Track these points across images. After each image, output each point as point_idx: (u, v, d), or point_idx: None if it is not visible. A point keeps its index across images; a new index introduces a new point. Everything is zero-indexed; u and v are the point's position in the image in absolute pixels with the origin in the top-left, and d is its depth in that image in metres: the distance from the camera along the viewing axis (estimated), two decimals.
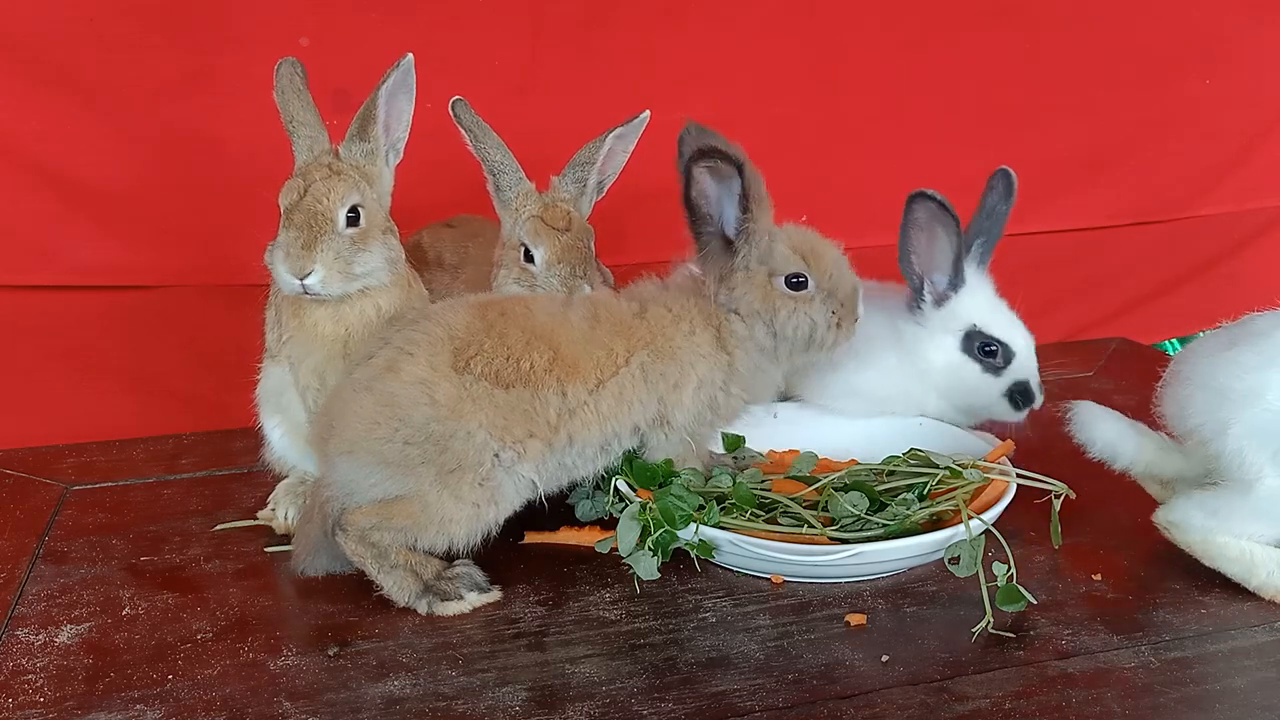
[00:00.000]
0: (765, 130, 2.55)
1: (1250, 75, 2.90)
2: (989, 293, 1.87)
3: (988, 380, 1.83)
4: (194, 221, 2.30)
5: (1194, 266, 3.06)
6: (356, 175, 1.60)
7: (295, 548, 1.57)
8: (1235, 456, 1.43)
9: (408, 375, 1.46)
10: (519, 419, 1.47)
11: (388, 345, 1.50)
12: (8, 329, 2.27)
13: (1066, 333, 2.85)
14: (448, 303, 1.57)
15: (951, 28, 2.60)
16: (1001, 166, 1.85)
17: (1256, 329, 1.49)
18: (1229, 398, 1.44)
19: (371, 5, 2.29)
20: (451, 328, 1.49)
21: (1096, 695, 1.27)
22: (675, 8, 2.46)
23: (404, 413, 1.44)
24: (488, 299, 1.58)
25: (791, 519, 1.58)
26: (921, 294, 1.85)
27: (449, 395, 1.45)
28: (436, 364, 1.46)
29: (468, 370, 1.46)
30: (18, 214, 2.22)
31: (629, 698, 1.28)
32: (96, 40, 2.18)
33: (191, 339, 2.35)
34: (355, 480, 1.47)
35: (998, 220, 1.87)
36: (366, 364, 1.50)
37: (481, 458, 1.45)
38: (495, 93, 2.37)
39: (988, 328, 1.83)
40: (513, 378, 1.47)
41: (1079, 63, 2.75)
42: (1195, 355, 1.53)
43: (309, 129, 1.62)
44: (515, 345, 1.49)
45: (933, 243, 1.79)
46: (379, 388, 1.46)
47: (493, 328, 1.50)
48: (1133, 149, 2.87)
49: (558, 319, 1.54)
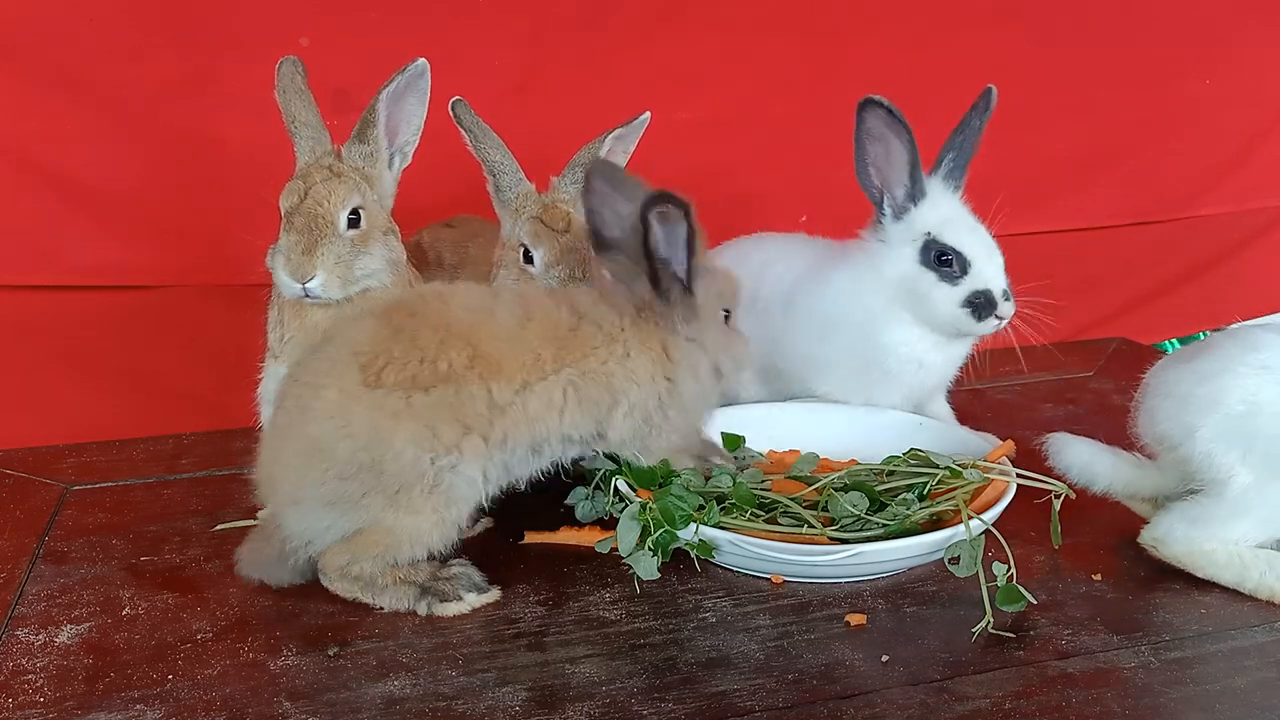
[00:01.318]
0: (765, 130, 2.56)
1: (1250, 75, 2.90)
2: (953, 206, 1.84)
3: (944, 289, 1.80)
4: (194, 221, 2.30)
5: (1194, 266, 3.06)
6: (357, 177, 1.60)
7: (243, 556, 1.53)
8: (1205, 459, 1.49)
9: (319, 411, 1.40)
10: (447, 421, 1.41)
11: (296, 383, 1.45)
12: (8, 329, 2.27)
13: (1066, 333, 2.85)
14: (350, 316, 1.51)
15: (951, 28, 2.60)
16: (988, 85, 1.84)
17: (1211, 343, 1.60)
18: (1192, 404, 1.51)
19: (372, 5, 2.29)
20: (354, 344, 1.43)
21: (1096, 695, 1.27)
22: (675, 8, 2.47)
23: (327, 452, 1.39)
24: (395, 301, 1.53)
25: (791, 519, 1.58)
26: (881, 208, 1.84)
27: (365, 420, 1.39)
28: (346, 388, 1.40)
29: (380, 383, 1.39)
30: (18, 214, 2.22)
31: (629, 698, 1.28)
32: (96, 40, 2.18)
33: (191, 339, 2.35)
34: (309, 528, 1.44)
35: (970, 136, 1.85)
36: (281, 408, 1.47)
37: (420, 470, 1.40)
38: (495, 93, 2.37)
39: (942, 236, 1.80)
40: (431, 379, 1.41)
41: (1079, 63, 2.76)
42: (1159, 370, 1.61)
43: (311, 129, 1.62)
44: (428, 346, 1.42)
45: (889, 154, 1.79)
46: (297, 432, 1.42)
47: (401, 332, 1.43)
48: (1133, 149, 2.87)
49: (480, 314, 1.47)
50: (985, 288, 1.80)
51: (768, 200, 2.57)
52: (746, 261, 2.02)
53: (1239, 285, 3.05)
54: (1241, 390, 1.48)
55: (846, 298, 1.88)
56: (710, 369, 1.59)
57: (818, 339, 1.91)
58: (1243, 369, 1.49)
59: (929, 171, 1.85)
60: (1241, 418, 1.47)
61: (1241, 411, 1.47)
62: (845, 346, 1.89)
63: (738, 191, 2.49)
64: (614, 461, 1.60)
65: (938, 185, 1.85)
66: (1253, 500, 1.47)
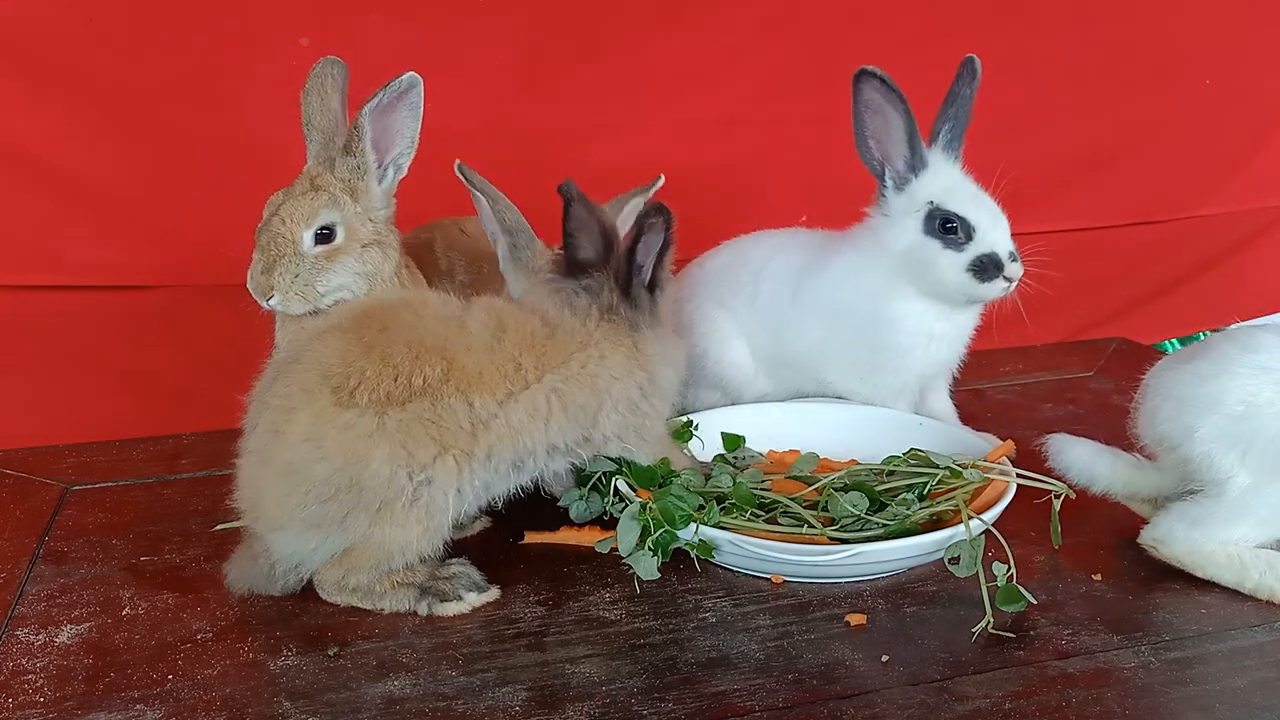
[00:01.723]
0: (765, 130, 2.55)
1: (1250, 75, 2.90)
2: (954, 174, 1.84)
3: (949, 255, 1.79)
4: (194, 221, 2.30)
5: (1194, 266, 3.06)
6: (338, 190, 1.61)
7: (232, 574, 1.51)
8: (1205, 460, 1.49)
9: (293, 435, 1.39)
10: (422, 439, 1.40)
11: (266, 406, 1.43)
12: (8, 329, 2.27)
13: (1066, 333, 2.85)
14: (320, 333, 1.48)
15: (951, 28, 2.60)
16: (968, 54, 1.84)
17: (1210, 344, 1.59)
18: (1191, 405, 1.51)
19: (372, 5, 2.29)
20: (324, 364, 1.41)
21: (1096, 695, 1.27)
22: (675, 8, 2.46)
23: (304, 476, 1.38)
24: (364, 313, 1.49)
25: (791, 519, 1.58)
26: (883, 180, 1.85)
27: (339, 442, 1.38)
28: (318, 411, 1.38)
29: (353, 403, 1.38)
30: (18, 214, 2.22)
31: (629, 698, 1.28)
32: (96, 40, 2.18)
33: (191, 339, 2.35)
34: (297, 551, 1.44)
35: (963, 105, 1.85)
36: (253, 433, 1.45)
37: (398, 486, 1.39)
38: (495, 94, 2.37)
39: (946, 204, 1.80)
40: (405, 395, 1.40)
41: (1079, 63, 2.75)
42: (1159, 371, 1.61)
43: (321, 134, 1.63)
44: (402, 362, 1.41)
45: (888, 125, 1.79)
46: (273, 456, 1.41)
47: (372, 349, 1.41)
48: (1133, 149, 2.87)
49: (452, 326, 1.46)
50: (991, 251, 1.79)
51: (768, 200, 2.57)
52: (746, 258, 2.02)
53: (1239, 285, 3.05)
54: (1240, 391, 1.48)
55: (851, 278, 1.88)
56: (684, 359, 1.64)
57: (826, 323, 1.91)
58: (1241, 370, 1.49)
59: (928, 144, 1.85)
60: (1240, 418, 1.47)
61: (1240, 412, 1.47)
62: (854, 327, 1.88)
63: (738, 191, 2.49)
64: (613, 462, 1.61)
65: (938, 155, 1.85)
66: (1252, 501, 1.47)
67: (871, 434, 1.83)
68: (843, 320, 1.89)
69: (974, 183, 1.85)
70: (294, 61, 2.17)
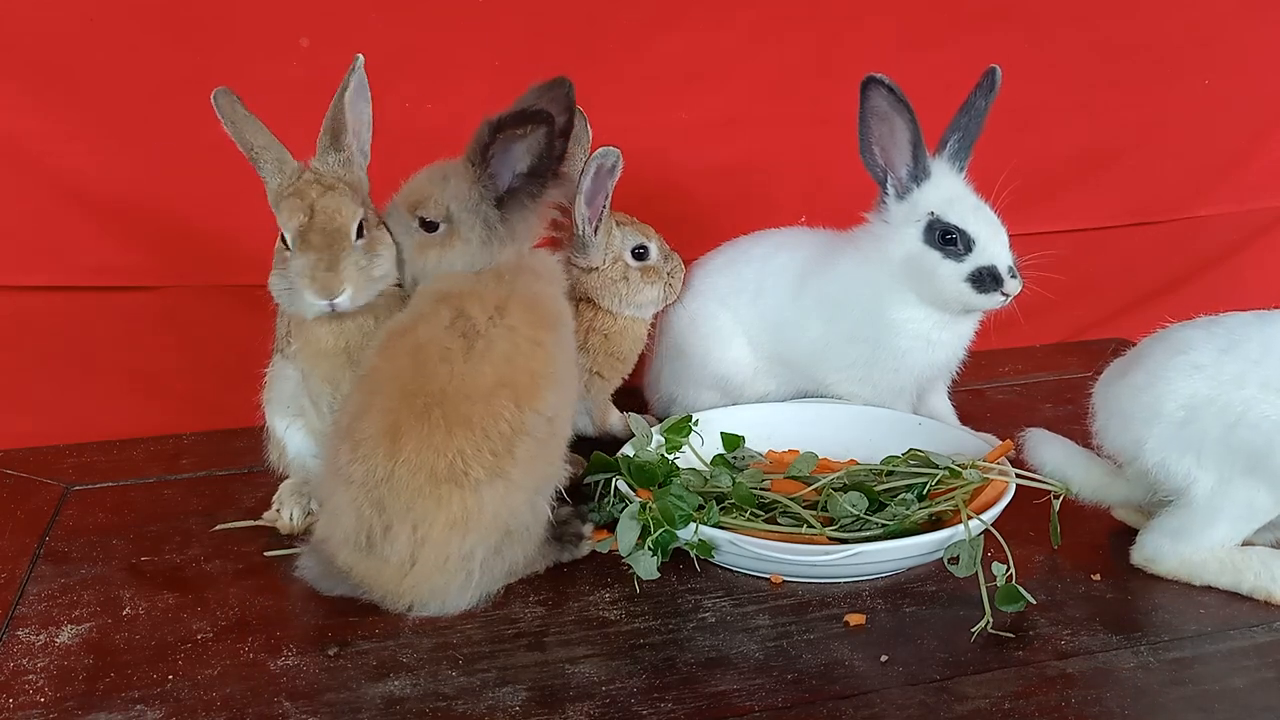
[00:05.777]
0: (765, 130, 2.55)
1: (1250, 75, 2.89)
2: (956, 186, 1.85)
3: (949, 266, 1.80)
4: (194, 221, 2.29)
5: (1194, 266, 3.06)
6: (344, 186, 1.60)
7: (309, 568, 1.52)
8: (1160, 469, 1.48)
9: (437, 537, 1.42)
10: (535, 466, 1.48)
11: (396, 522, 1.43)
12: (8, 329, 2.27)
13: (1066, 333, 2.85)
14: (380, 435, 1.44)
15: (951, 28, 2.59)
16: (990, 65, 1.84)
17: (1142, 350, 1.57)
18: (1134, 419, 1.49)
19: (371, 5, 2.28)
20: (425, 464, 1.41)
21: (1096, 695, 1.27)
22: (675, 8, 2.46)
23: (467, 559, 1.44)
24: (403, 392, 1.46)
25: (791, 519, 1.58)
26: (885, 187, 1.85)
27: (482, 520, 1.43)
28: (448, 505, 1.41)
29: (468, 480, 1.42)
30: (18, 214, 2.22)
31: (629, 698, 1.28)
32: (96, 40, 2.17)
33: (191, 339, 2.34)
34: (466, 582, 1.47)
35: (976, 117, 1.85)
36: (395, 544, 1.43)
37: (539, 510, 1.50)
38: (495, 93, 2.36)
39: (946, 215, 1.80)
40: (502, 446, 1.44)
41: (1079, 63, 2.75)
42: (1101, 387, 1.60)
43: (272, 150, 1.61)
44: (474, 418, 1.43)
45: (893, 133, 1.79)
46: (425, 556, 1.42)
47: (449, 425, 1.42)
48: (1133, 149, 2.87)
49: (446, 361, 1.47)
50: (990, 264, 1.79)
51: (768, 200, 2.56)
52: (747, 256, 2.02)
53: (1239, 285, 3.04)
54: (1178, 396, 1.46)
55: (853, 279, 1.88)
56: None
57: (828, 320, 1.91)
58: (1174, 374, 1.47)
59: (934, 153, 1.85)
60: (1184, 424, 1.45)
61: (1183, 418, 1.45)
62: (854, 328, 1.88)
63: (738, 191, 2.48)
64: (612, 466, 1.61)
65: (942, 165, 1.85)
66: (1220, 502, 1.45)
67: (871, 434, 1.83)
68: (845, 318, 1.89)
69: (975, 194, 1.85)
70: (294, 62, 2.18)
